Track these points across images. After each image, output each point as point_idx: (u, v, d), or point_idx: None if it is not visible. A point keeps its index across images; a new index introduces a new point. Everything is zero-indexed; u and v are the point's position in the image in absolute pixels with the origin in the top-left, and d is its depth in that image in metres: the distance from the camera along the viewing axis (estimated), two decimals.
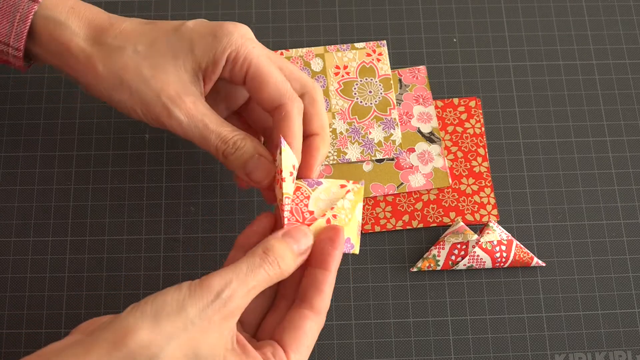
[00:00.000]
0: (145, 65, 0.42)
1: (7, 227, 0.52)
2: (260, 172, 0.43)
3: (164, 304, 0.35)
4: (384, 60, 0.57)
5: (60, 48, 0.43)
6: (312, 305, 0.41)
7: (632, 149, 0.55)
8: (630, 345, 0.50)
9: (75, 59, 0.43)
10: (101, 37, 0.43)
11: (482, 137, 0.55)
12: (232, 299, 0.36)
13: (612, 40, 0.59)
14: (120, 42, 0.43)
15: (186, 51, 0.43)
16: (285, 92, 0.44)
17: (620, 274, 0.52)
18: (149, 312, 0.34)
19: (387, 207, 0.53)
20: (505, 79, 0.57)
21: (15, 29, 0.43)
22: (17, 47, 0.44)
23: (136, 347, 0.33)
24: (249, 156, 0.43)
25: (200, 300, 0.35)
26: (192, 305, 0.35)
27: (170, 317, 0.34)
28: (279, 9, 0.59)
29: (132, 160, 0.54)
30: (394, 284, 0.51)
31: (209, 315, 0.35)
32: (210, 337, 0.35)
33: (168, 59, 0.43)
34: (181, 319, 0.34)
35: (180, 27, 0.44)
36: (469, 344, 0.50)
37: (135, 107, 0.43)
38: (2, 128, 0.54)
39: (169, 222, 0.52)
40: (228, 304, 0.35)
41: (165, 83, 0.43)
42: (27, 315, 0.50)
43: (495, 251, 0.50)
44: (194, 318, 0.35)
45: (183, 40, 0.43)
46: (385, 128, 0.55)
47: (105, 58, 0.43)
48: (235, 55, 0.43)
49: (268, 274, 0.38)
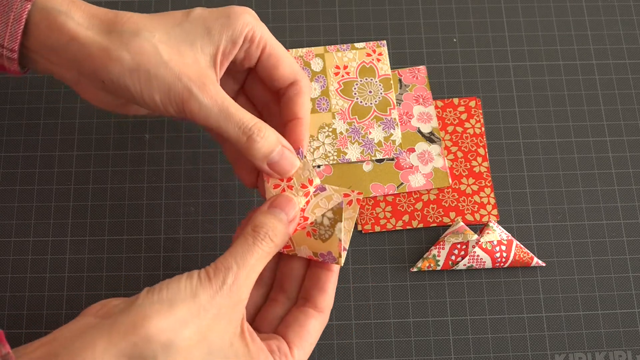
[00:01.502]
0: (163, 49, 0.41)
1: (7, 227, 0.52)
2: (286, 163, 0.43)
3: (178, 290, 0.36)
4: (384, 60, 0.57)
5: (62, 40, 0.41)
6: (316, 305, 0.42)
7: (632, 149, 0.55)
8: (630, 345, 0.50)
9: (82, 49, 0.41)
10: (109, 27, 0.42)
11: (482, 137, 0.55)
12: (236, 284, 0.37)
13: (612, 40, 0.59)
14: (133, 28, 0.41)
15: (202, 35, 0.42)
16: (298, 68, 0.46)
17: (620, 274, 0.52)
18: (165, 298, 0.35)
19: (387, 207, 0.53)
20: (505, 79, 0.57)
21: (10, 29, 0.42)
22: (12, 47, 0.42)
23: (153, 332, 0.34)
24: (274, 145, 0.42)
25: (210, 288, 0.36)
26: (203, 292, 0.36)
27: (185, 304, 0.35)
28: (279, 9, 0.59)
29: (132, 160, 0.54)
30: (394, 284, 0.51)
31: (218, 302, 0.36)
32: (221, 323, 0.36)
33: (185, 44, 0.42)
34: (195, 305, 0.36)
35: (191, 14, 0.43)
36: (469, 344, 0.50)
37: (154, 93, 0.41)
38: (2, 128, 0.54)
39: (169, 222, 0.52)
40: (233, 289, 0.37)
41: (184, 66, 0.41)
42: (27, 315, 0.50)
43: (495, 251, 0.50)
44: (206, 304, 0.36)
45: (197, 25, 0.42)
46: (385, 128, 0.55)
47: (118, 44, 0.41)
48: (252, 35, 0.43)
49: (263, 250, 0.39)
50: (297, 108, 0.45)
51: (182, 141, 0.55)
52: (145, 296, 0.36)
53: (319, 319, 0.42)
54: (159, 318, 0.34)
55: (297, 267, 0.44)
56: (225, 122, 0.41)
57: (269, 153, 0.42)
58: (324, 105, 0.55)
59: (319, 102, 0.55)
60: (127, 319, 0.34)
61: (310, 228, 0.42)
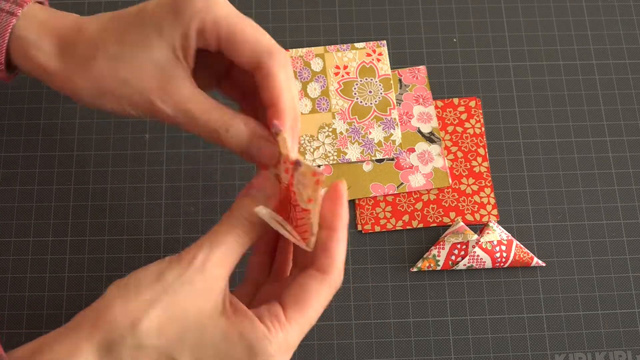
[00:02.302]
0: (121, 68, 0.41)
1: (7, 227, 0.52)
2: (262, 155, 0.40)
3: (145, 275, 0.36)
4: (384, 60, 0.57)
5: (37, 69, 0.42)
6: (318, 266, 0.38)
7: (632, 149, 0.55)
8: (630, 345, 0.50)
9: (54, 78, 0.42)
10: (73, 50, 0.42)
11: (482, 137, 0.55)
12: (209, 261, 0.36)
13: (612, 40, 0.59)
14: (91, 50, 0.41)
15: (154, 37, 0.40)
16: (262, 47, 0.40)
17: (620, 274, 0.52)
18: (130, 285, 0.35)
19: (387, 207, 0.53)
20: (505, 79, 0.57)
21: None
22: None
23: (116, 317, 0.34)
24: (245, 141, 0.40)
25: (177, 268, 0.36)
26: (170, 272, 0.36)
27: (150, 286, 0.35)
28: (279, 9, 0.59)
29: (132, 160, 0.54)
30: (394, 284, 0.51)
31: (190, 280, 0.35)
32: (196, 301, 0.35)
33: (141, 50, 0.41)
34: (161, 284, 0.35)
35: (140, 13, 0.41)
36: (469, 344, 0.50)
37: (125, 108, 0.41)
38: (2, 128, 0.54)
39: (169, 222, 0.52)
40: (207, 266, 0.36)
41: (145, 79, 0.41)
42: (27, 315, 0.50)
43: (495, 251, 0.50)
44: (174, 283, 0.35)
45: (147, 26, 0.41)
46: (385, 128, 0.55)
47: (81, 72, 0.41)
48: (203, 25, 0.40)
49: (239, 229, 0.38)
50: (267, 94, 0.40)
51: (182, 141, 0.55)
52: (111, 287, 0.36)
53: (321, 280, 0.37)
54: (122, 302, 0.34)
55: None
56: (193, 126, 0.41)
57: (243, 149, 0.41)
58: (324, 105, 0.55)
59: (319, 102, 0.55)
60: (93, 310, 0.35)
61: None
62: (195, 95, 0.41)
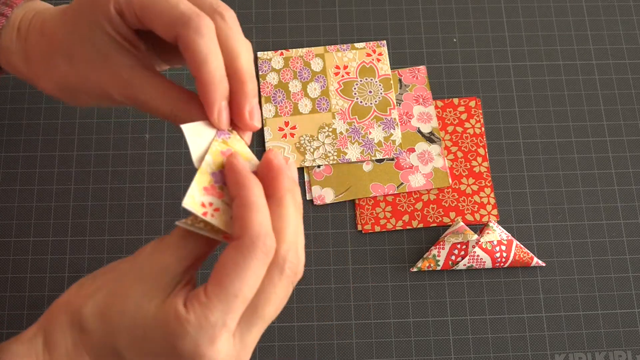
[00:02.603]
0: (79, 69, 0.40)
1: (7, 227, 0.52)
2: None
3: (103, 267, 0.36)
4: (384, 60, 0.57)
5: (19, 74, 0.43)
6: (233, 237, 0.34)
7: (632, 149, 0.55)
8: (630, 345, 0.50)
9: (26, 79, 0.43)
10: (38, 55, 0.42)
11: (482, 137, 0.55)
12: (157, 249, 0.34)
13: (612, 40, 0.59)
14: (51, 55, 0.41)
15: (90, 28, 0.39)
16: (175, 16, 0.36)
17: (620, 274, 0.52)
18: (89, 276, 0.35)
19: (387, 207, 0.53)
20: (505, 79, 0.57)
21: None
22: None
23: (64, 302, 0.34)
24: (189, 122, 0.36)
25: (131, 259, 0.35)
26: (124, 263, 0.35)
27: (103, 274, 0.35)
28: (279, 9, 0.59)
29: (132, 160, 0.54)
30: (394, 284, 0.51)
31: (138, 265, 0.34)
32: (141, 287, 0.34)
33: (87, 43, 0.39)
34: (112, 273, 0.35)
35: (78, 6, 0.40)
36: (469, 344, 0.50)
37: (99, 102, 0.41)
38: (2, 128, 0.54)
39: (169, 222, 0.52)
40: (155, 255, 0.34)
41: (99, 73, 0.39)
42: (27, 315, 0.50)
43: (495, 251, 0.50)
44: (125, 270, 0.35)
45: (80, 18, 0.40)
46: (385, 128, 0.55)
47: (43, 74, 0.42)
48: (119, 5, 0.38)
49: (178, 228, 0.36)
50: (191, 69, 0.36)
51: (182, 141, 0.55)
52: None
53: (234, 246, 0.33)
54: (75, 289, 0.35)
55: None
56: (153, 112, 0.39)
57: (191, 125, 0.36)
58: (324, 105, 0.55)
59: (319, 102, 0.55)
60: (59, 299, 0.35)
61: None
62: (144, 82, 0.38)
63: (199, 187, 0.35)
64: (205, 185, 0.35)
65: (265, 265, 0.33)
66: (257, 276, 0.33)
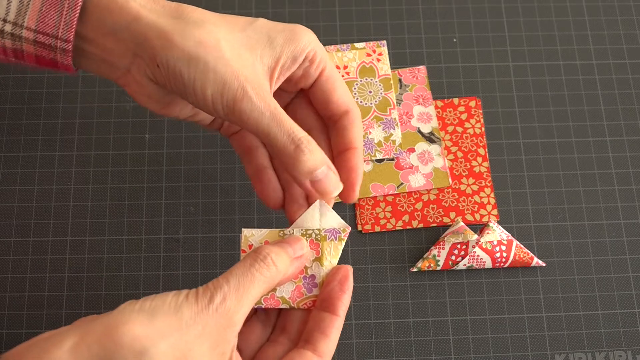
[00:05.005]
0: (225, 45, 0.40)
1: (7, 227, 0.52)
2: (330, 183, 0.41)
3: (162, 303, 0.35)
4: (384, 60, 0.57)
5: (122, 21, 0.39)
6: (315, 348, 0.39)
7: (632, 149, 0.55)
8: (630, 345, 0.50)
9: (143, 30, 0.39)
10: (173, 13, 0.40)
11: (482, 137, 0.55)
12: (224, 304, 0.35)
13: (612, 40, 0.59)
14: (198, 19, 0.40)
15: (264, 45, 0.41)
16: (351, 97, 0.45)
17: (620, 274, 0.52)
18: (146, 309, 0.34)
19: (387, 207, 0.53)
20: (505, 79, 0.57)
21: (64, 18, 0.40)
22: (67, 37, 0.40)
23: (128, 338, 0.33)
24: (320, 162, 0.41)
25: (195, 305, 0.35)
26: (187, 308, 0.35)
27: (166, 316, 0.34)
28: (279, 9, 0.59)
29: (132, 160, 0.54)
30: (394, 284, 0.51)
31: (203, 320, 0.35)
32: (204, 344, 0.35)
33: (246, 49, 0.41)
34: (177, 319, 0.34)
35: (254, 22, 0.42)
36: (469, 344, 0.50)
37: (207, 85, 0.39)
38: (2, 128, 0.55)
39: (169, 222, 0.52)
40: (221, 309, 0.35)
41: (243, 67, 0.40)
42: (27, 315, 0.50)
43: (495, 251, 0.50)
44: (189, 320, 0.34)
45: (260, 33, 0.41)
46: (385, 128, 0.55)
47: (181, 30, 0.39)
48: (314, 55, 0.42)
49: (261, 274, 0.37)
50: (351, 137, 0.44)
51: (182, 141, 0.55)
52: (127, 305, 0.35)
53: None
54: (136, 325, 0.33)
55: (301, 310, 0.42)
56: (276, 128, 0.40)
57: (315, 169, 0.41)
58: None
59: None
60: (103, 323, 0.33)
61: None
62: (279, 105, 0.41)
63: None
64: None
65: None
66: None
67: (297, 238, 0.41)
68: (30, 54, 0.41)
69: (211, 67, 0.39)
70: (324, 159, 0.41)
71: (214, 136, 0.55)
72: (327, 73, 0.44)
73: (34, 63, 0.42)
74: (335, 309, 0.40)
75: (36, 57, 0.42)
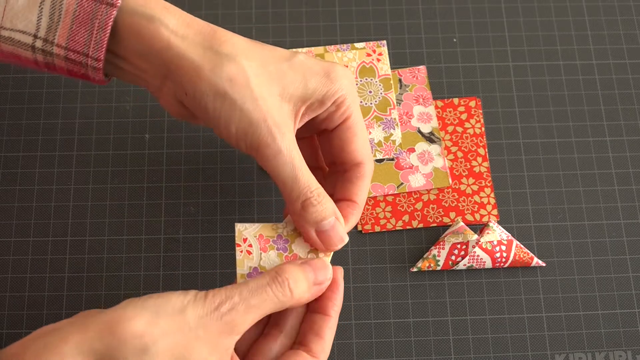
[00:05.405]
0: (255, 83, 0.39)
1: (7, 227, 0.52)
2: (334, 235, 0.41)
3: (167, 302, 0.35)
4: (384, 60, 0.57)
5: (154, 47, 0.39)
6: (310, 349, 0.40)
7: (632, 149, 0.55)
8: (630, 345, 0.50)
9: (174, 59, 0.39)
10: (206, 42, 0.39)
11: (482, 137, 0.55)
12: (230, 314, 0.35)
13: (612, 40, 0.59)
14: (231, 52, 0.39)
15: (297, 86, 0.40)
16: (369, 151, 0.44)
17: (620, 274, 0.52)
18: (149, 306, 0.34)
19: (387, 207, 0.53)
20: (505, 79, 0.57)
21: (95, 38, 0.39)
22: (97, 57, 0.40)
23: (129, 335, 0.33)
24: (329, 214, 0.41)
25: (201, 308, 0.35)
26: (192, 310, 0.35)
27: (169, 315, 0.34)
28: (279, 8, 0.59)
29: (132, 160, 0.54)
30: (394, 284, 0.51)
31: (206, 324, 0.35)
32: (204, 348, 0.35)
33: (277, 86, 0.40)
34: (179, 319, 0.34)
35: (292, 58, 0.41)
36: (469, 344, 0.50)
37: (232, 123, 0.39)
38: (2, 128, 0.55)
39: (169, 222, 0.52)
40: (226, 318, 0.35)
41: (272, 108, 0.39)
42: (27, 315, 0.50)
43: (495, 251, 0.50)
44: (192, 322, 0.34)
45: (296, 71, 0.41)
46: (385, 128, 0.55)
47: (212, 64, 0.39)
48: (343, 101, 0.42)
49: (276, 295, 0.37)
50: (355, 191, 0.43)
51: (182, 141, 0.55)
52: (130, 302, 0.35)
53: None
54: (139, 322, 0.33)
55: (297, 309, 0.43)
56: (293, 180, 0.40)
57: (322, 219, 0.41)
58: None
59: None
60: (106, 319, 0.34)
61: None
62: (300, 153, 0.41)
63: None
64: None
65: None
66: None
67: (324, 264, 0.41)
68: (62, 68, 0.42)
69: (238, 105, 0.38)
70: (333, 211, 0.41)
71: (214, 136, 0.55)
72: (350, 122, 0.43)
73: (67, 74, 0.43)
74: (326, 309, 0.40)
75: (68, 71, 0.42)
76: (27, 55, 0.41)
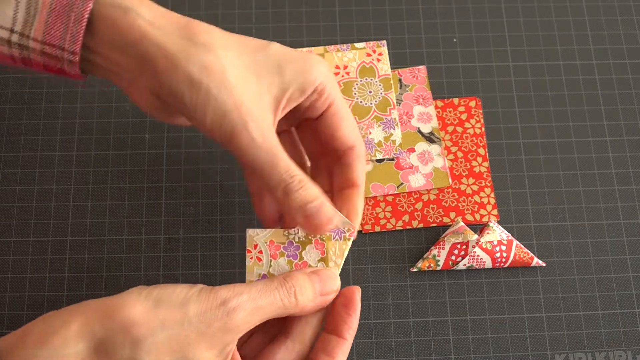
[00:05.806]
0: (231, 73, 0.38)
1: (7, 227, 0.52)
2: (322, 216, 0.40)
3: (170, 294, 0.35)
4: (384, 60, 0.57)
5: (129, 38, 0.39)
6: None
7: (632, 149, 0.55)
8: (630, 345, 0.50)
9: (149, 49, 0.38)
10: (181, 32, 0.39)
11: (482, 137, 0.55)
12: (236, 311, 0.35)
13: (612, 40, 0.59)
14: (206, 40, 0.39)
15: (273, 73, 0.40)
16: (358, 133, 0.44)
17: (620, 274, 0.52)
18: (152, 296, 0.34)
19: (387, 207, 0.53)
20: (505, 79, 0.57)
21: (71, 31, 0.39)
22: (73, 50, 0.39)
23: (127, 322, 0.33)
24: (313, 198, 0.40)
25: (205, 303, 0.35)
26: (195, 304, 0.35)
27: (170, 307, 0.34)
28: (279, 8, 0.59)
29: (132, 160, 0.54)
30: (394, 284, 0.51)
31: (208, 320, 0.34)
32: (203, 343, 0.35)
33: (253, 76, 0.40)
34: (180, 312, 0.34)
35: (267, 47, 0.41)
36: (469, 344, 0.50)
37: (207, 113, 0.38)
38: (2, 128, 0.55)
39: (169, 222, 0.52)
40: (231, 315, 0.35)
41: (247, 97, 0.39)
42: (27, 316, 0.50)
43: (495, 251, 0.50)
44: (193, 317, 0.34)
45: (271, 61, 0.40)
46: (385, 128, 0.55)
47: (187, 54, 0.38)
48: (323, 88, 0.41)
49: (282, 300, 0.37)
50: (354, 174, 0.43)
51: (182, 141, 0.55)
52: (138, 288, 0.35)
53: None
54: (136, 310, 0.33)
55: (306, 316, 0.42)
56: (270, 164, 0.39)
57: (305, 203, 0.40)
58: None
59: None
60: (109, 302, 0.34)
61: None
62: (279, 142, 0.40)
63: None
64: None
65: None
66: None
67: (332, 275, 0.41)
68: (38, 63, 0.41)
69: (213, 94, 0.38)
70: (317, 194, 0.40)
71: None
72: (335, 108, 0.43)
73: (43, 70, 0.42)
74: (341, 332, 0.40)
75: (44, 66, 0.42)
76: (3, 50, 0.40)
